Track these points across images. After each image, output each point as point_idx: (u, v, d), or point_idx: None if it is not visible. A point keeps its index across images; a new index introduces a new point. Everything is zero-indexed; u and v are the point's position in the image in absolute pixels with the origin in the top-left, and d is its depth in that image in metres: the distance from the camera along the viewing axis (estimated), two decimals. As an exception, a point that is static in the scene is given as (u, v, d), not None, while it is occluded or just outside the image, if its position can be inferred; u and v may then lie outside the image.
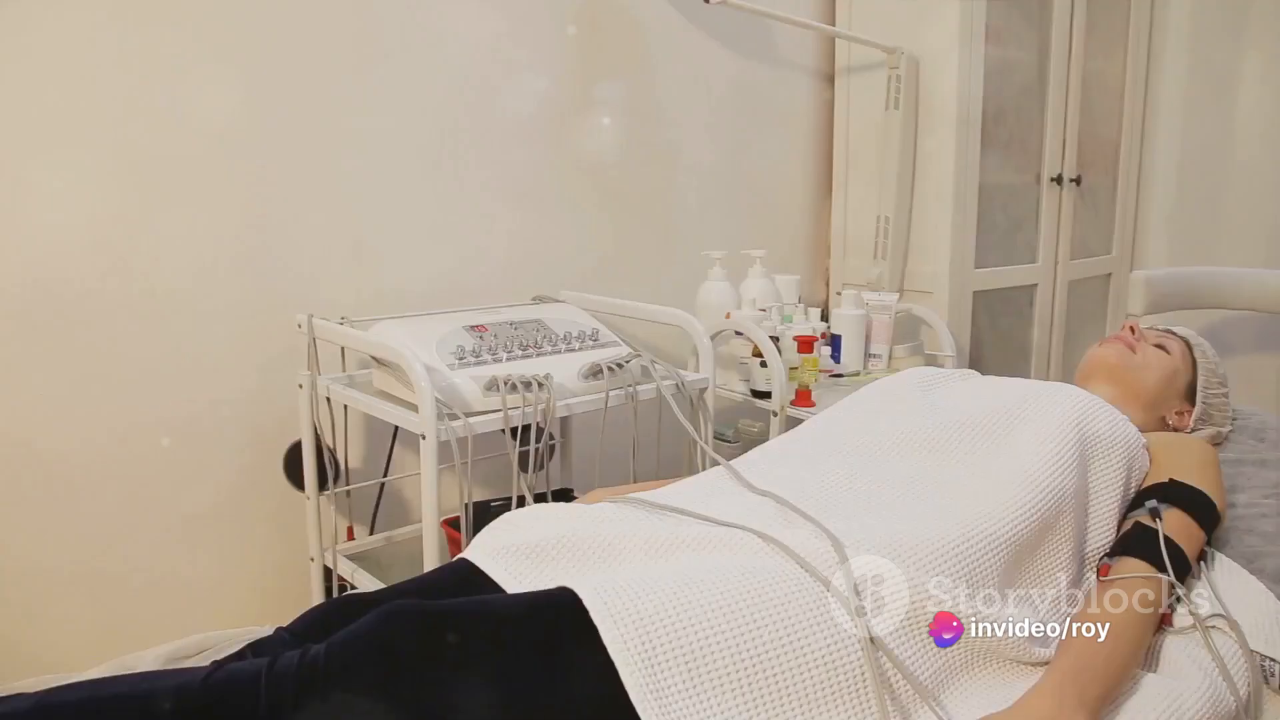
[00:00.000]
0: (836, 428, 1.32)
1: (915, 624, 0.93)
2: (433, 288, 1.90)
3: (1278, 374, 2.59)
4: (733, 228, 2.37)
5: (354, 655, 0.83)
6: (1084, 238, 2.72)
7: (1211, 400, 1.49)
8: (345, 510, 1.83)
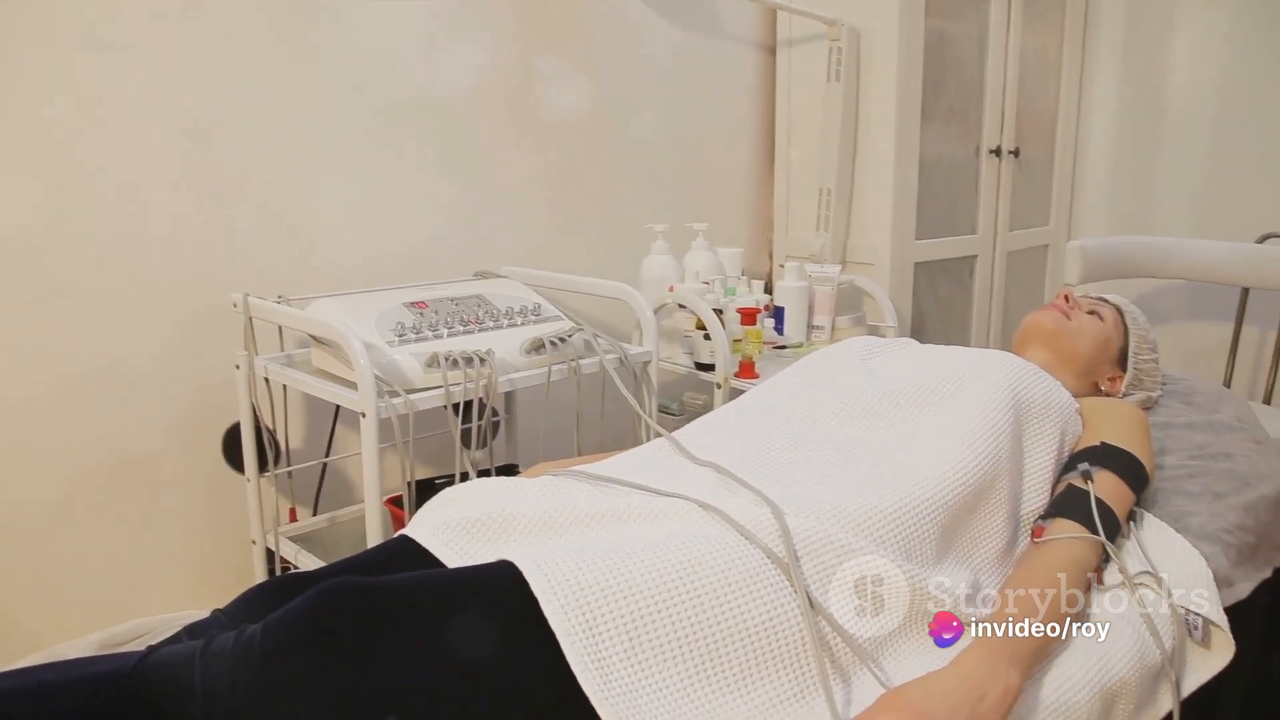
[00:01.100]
0: (777, 397, 1.32)
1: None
2: (372, 265, 1.88)
3: (1207, 340, 2.65)
4: (675, 201, 2.36)
5: (291, 634, 0.82)
6: (1022, 209, 2.76)
7: (1142, 366, 1.52)
8: (287, 491, 1.80)
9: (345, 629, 0.81)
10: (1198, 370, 2.15)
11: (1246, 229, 2.55)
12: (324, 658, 0.80)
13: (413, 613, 0.84)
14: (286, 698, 0.80)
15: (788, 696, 0.87)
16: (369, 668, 0.81)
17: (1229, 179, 2.64)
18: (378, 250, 1.89)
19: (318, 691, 0.80)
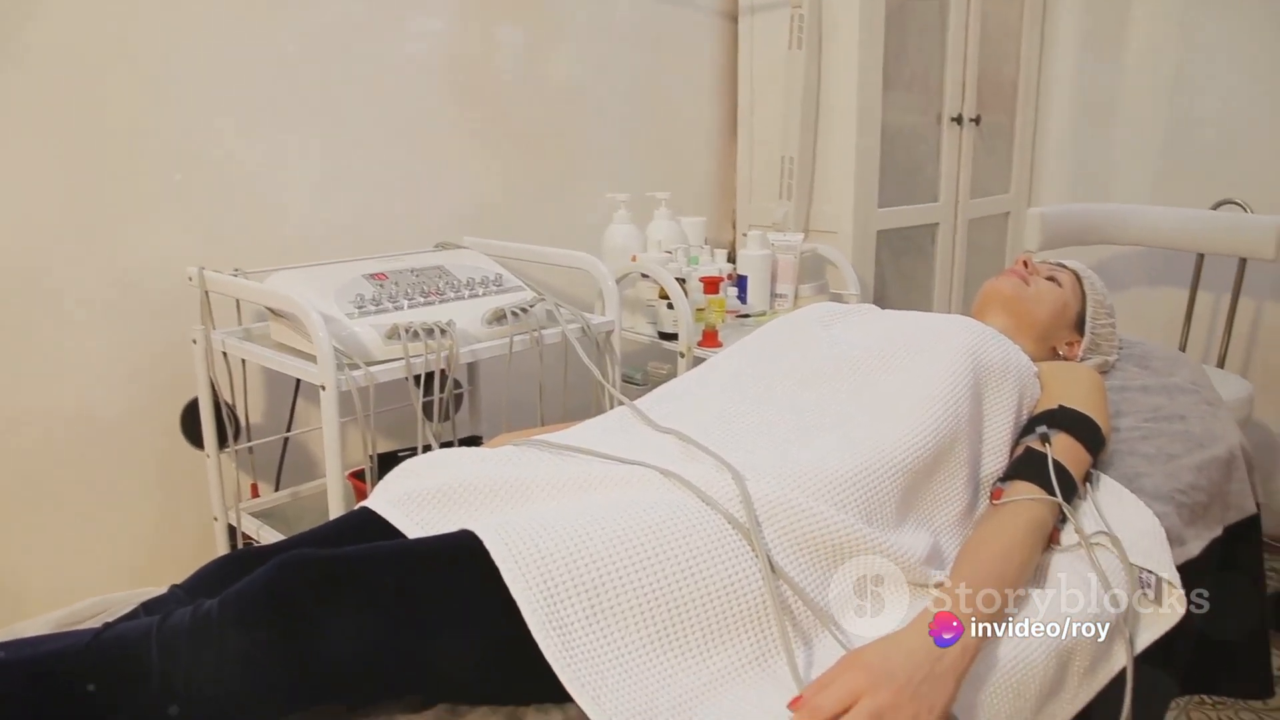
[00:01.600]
0: (738, 364, 1.32)
1: (814, 551, 0.95)
2: (331, 238, 1.85)
3: (1163, 306, 2.69)
4: (637, 170, 2.35)
5: (249, 608, 0.81)
6: (983, 177, 2.77)
7: (1099, 330, 1.54)
8: (248, 467, 1.78)
9: (304, 601, 0.81)
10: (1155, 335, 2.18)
11: (1202, 196, 2.58)
12: (283, 630, 0.80)
13: (372, 584, 0.83)
14: (245, 672, 0.79)
15: (749, 660, 0.88)
16: (329, 640, 0.80)
17: (1186, 146, 2.67)
18: (336, 222, 1.87)
19: (277, 665, 0.80)
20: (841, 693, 0.78)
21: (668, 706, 0.80)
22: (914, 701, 0.80)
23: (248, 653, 0.79)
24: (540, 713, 0.89)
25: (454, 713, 0.89)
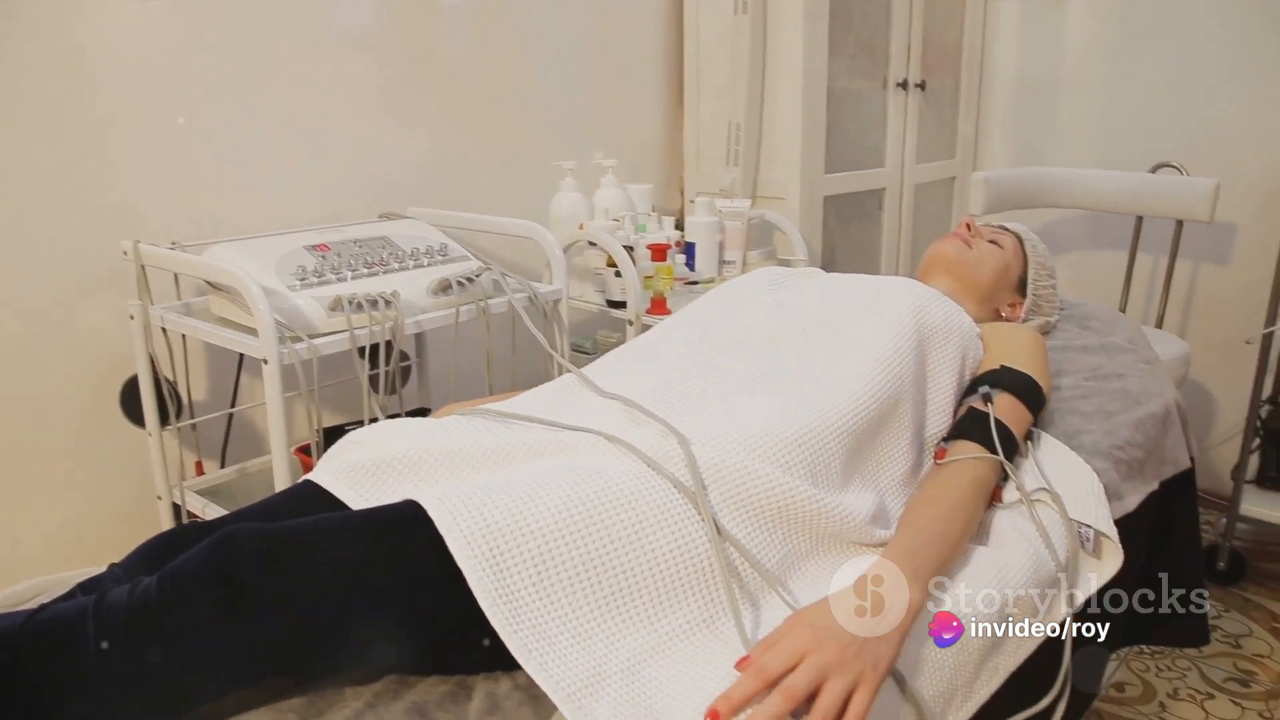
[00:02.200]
0: (684, 330, 1.32)
1: (760, 513, 0.96)
2: (271, 209, 1.82)
3: (1104, 268, 2.74)
4: (584, 138, 2.33)
5: (188, 584, 0.80)
6: (929, 142, 2.79)
7: (1041, 292, 1.56)
8: (192, 444, 1.75)
9: (246, 575, 0.80)
10: (1096, 297, 2.22)
11: (1141, 159, 2.62)
12: (225, 606, 0.79)
13: (316, 556, 0.82)
14: (186, 649, 0.78)
15: (698, 623, 0.89)
16: (272, 614, 0.79)
17: (1125, 110, 2.71)
18: (277, 193, 1.83)
19: (219, 640, 0.79)
20: (788, 651, 0.79)
21: (616, 670, 0.81)
22: (859, 658, 0.81)
23: (189, 629, 0.78)
24: (489, 681, 0.89)
25: (402, 684, 0.89)
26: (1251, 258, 2.52)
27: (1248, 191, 2.46)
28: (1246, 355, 2.23)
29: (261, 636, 0.80)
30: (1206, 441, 2.70)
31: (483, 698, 0.87)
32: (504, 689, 0.87)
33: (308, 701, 0.86)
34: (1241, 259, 2.58)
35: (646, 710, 0.77)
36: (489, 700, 0.86)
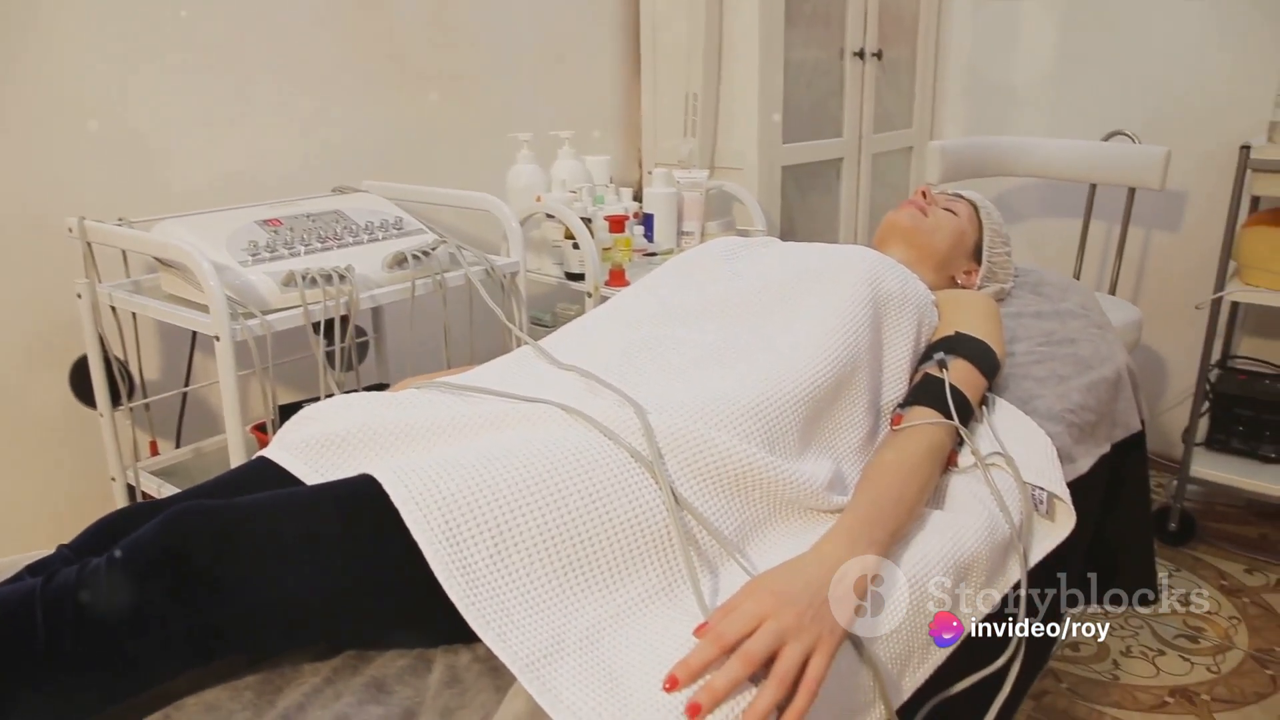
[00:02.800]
0: (641, 300, 1.32)
1: (717, 481, 0.96)
2: (221, 184, 1.78)
3: (1059, 236, 2.77)
4: (540, 109, 2.31)
5: (139, 563, 0.78)
6: (886, 112, 2.79)
7: (996, 259, 1.58)
8: (146, 424, 1.73)
9: (197, 553, 0.79)
10: (1051, 264, 2.25)
11: (1095, 127, 2.65)
12: (175, 584, 0.78)
13: (269, 532, 0.81)
14: (138, 629, 0.77)
15: (656, 590, 0.89)
16: (225, 591, 0.79)
17: (1079, 79, 2.73)
18: (226, 168, 1.80)
19: (172, 620, 0.78)
20: (746, 617, 0.80)
21: (575, 639, 0.81)
22: (816, 622, 0.81)
23: (140, 609, 0.77)
24: (449, 654, 0.89)
25: (361, 658, 0.89)
26: (1201, 225, 2.56)
27: (1198, 160, 2.50)
28: (1196, 320, 2.27)
29: (214, 615, 0.79)
30: (1158, 405, 2.75)
31: (442, 670, 0.87)
32: (464, 661, 0.87)
33: (264, 678, 0.85)
34: (1191, 226, 2.62)
35: (606, 679, 0.78)
36: (449, 673, 0.86)
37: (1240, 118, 2.39)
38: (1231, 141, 2.10)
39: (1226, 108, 2.47)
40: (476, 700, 0.83)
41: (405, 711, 0.82)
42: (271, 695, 0.84)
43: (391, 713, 0.82)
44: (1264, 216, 2.23)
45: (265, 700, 0.83)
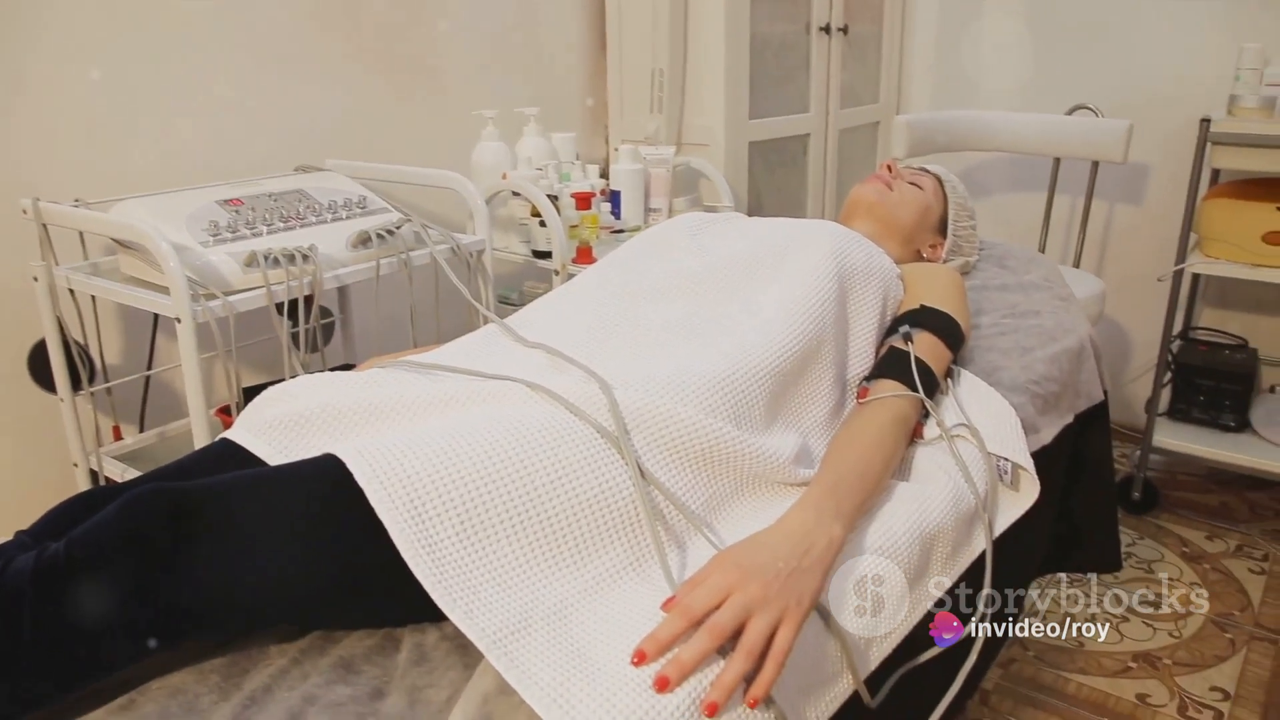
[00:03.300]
0: (607, 277, 1.32)
1: (684, 456, 0.96)
2: (180, 163, 1.75)
3: (1024, 209, 2.78)
4: (505, 86, 2.29)
5: (98, 547, 0.77)
6: (853, 87, 2.79)
7: (961, 232, 1.59)
8: (108, 409, 1.70)
9: (157, 536, 0.78)
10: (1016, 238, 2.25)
11: (1059, 102, 2.67)
12: (136, 568, 0.77)
13: (231, 513, 0.81)
14: (99, 614, 0.76)
15: (624, 566, 0.89)
16: (187, 574, 0.78)
17: (1044, 53, 2.74)
18: (186, 147, 1.77)
19: (133, 604, 0.77)
20: (713, 590, 0.80)
21: (543, 616, 0.81)
22: (783, 594, 0.82)
23: (100, 594, 0.76)
24: (417, 633, 0.89)
25: (329, 639, 0.88)
26: (1163, 198, 2.59)
27: (1160, 133, 2.52)
28: (1159, 292, 2.30)
29: (176, 597, 0.78)
30: (1122, 376, 2.79)
31: (410, 649, 0.86)
32: (432, 639, 0.87)
33: (230, 661, 0.85)
34: (1154, 199, 2.65)
35: (573, 654, 0.78)
36: (417, 651, 0.86)
37: (1201, 92, 2.41)
38: (1192, 115, 2.11)
39: (1188, 82, 2.49)
40: (445, 678, 0.83)
41: (373, 691, 0.82)
42: (238, 678, 0.83)
43: (359, 692, 0.82)
44: (1224, 189, 2.25)
45: (231, 683, 0.83)
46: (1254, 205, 2.14)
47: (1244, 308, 2.57)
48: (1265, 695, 1.76)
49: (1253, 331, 2.52)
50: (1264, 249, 2.11)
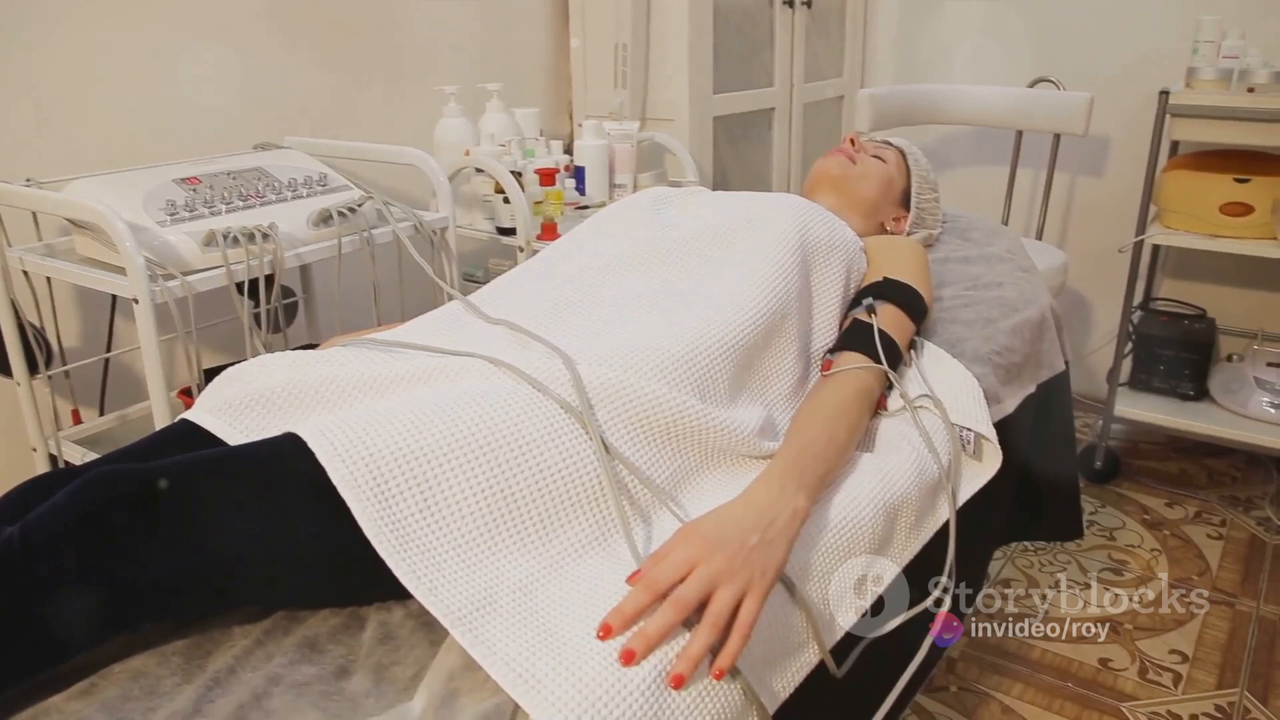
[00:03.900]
0: (570, 253, 1.31)
1: (648, 430, 0.96)
2: (136, 142, 1.72)
3: (987, 182, 2.80)
4: (467, 61, 2.26)
5: (54, 530, 0.76)
6: (817, 61, 2.79)
7: (924, 205, 1.59)
8: (67, 392, 1.68)
9: (114, 517, 0.77)
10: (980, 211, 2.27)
11: (1021, 74, 2.68)
12: (94, 550, 0.76)
13: (189, 494, 0.80)
14: (56, 599, 0.75)
15: (590, 541, 0.89)
16: (146, 556, 0.77)
17: (1006, 26, 2.74)
18: (141, 125, 1.73)
19: (91, 588, 0.76)
20: (677, 563, 0.80)
21: (508, 591, 0.81)
22: (747, 566, 0.82)
23: (57, 578, 0.75)
24: (382, 611, 0.88)
25: (293, 619, 0.88)
26: (1124, 169, 2.62)
27: (1120, 105, 2.54)
28: (1120, 264, 2.32)
29: (136, 580, 0.77)
30: (1084, 347, 2.82)
31: (376, 627, 0.86)
32: (397, 618, 0.87)
33: (193, 643, 0.84)
34: (1115, 171, 2.67)
35: (539, 629, 0.78)
36: (382, 629, 0.86)
37: (1161, 65, 2.43)
38: (1152, 88, 2.13)
39: (1148, 55, 2.51)
40: (410, 655, 0.83)
41: (339, 670, 0.82)
42: (201, 659, 0.83)
43: (324, 672, 0.81)
44: (1182, 161, 2.28)
45: (194, 665, 0.82)
46: (1212, 177, 2.17)
47: (1203, 278, 2.61)
48: (1221, 657, 1.80)
49: (1211, 301, 2.55)
50: (1222, 220, 2.14)
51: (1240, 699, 1.69)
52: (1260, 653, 1.81)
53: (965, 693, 1.72)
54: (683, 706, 0.75)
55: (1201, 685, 1.73)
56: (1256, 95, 2.03)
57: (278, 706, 0.77)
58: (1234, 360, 2.46)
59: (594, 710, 0.71)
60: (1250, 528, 2.24)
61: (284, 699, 0.78)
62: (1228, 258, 2.26)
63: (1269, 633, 1.87)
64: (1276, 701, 1.68)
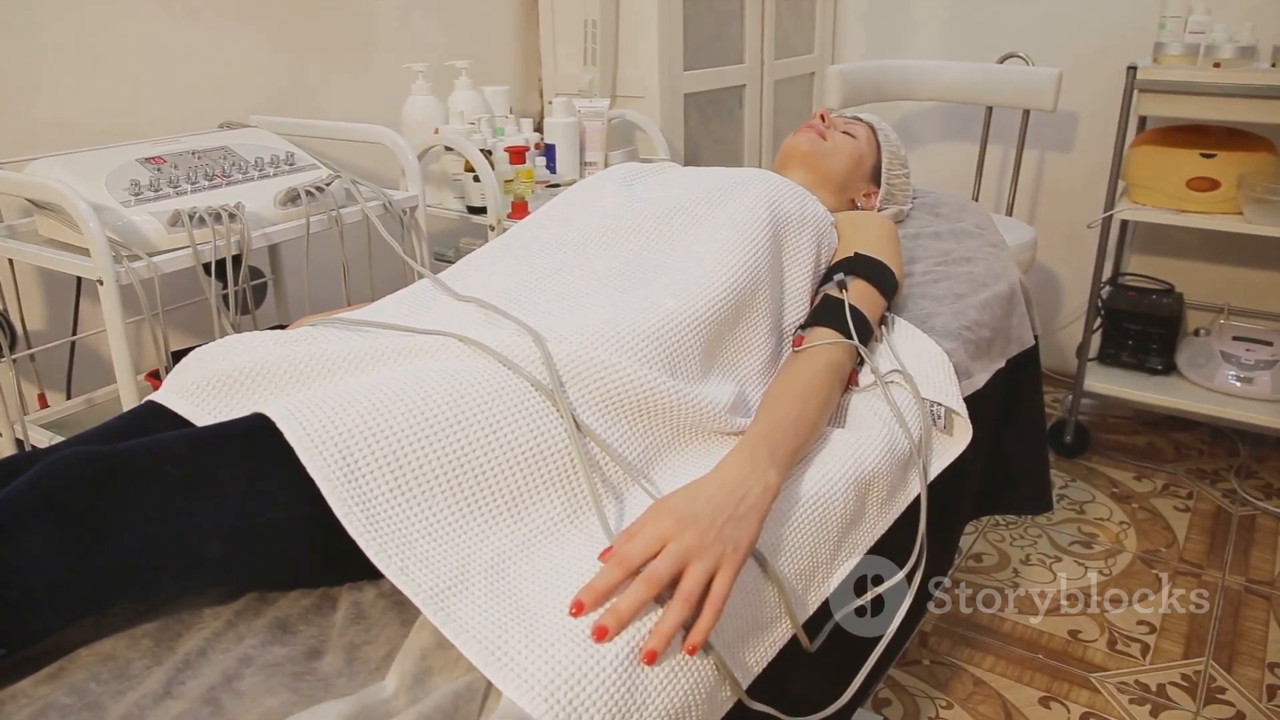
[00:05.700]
0: (540, 229, 1.31)
1: (619, 407, 0.96)
2: (98, 121, 1.69)
3: (957, 158, 2.81)
4: (435, 38, 2.24)
5: (16, 514, 0.75)
6: (787, 37, 2.78)
7: (894, 181, 1.59)
8: (32, 376, 1.65)
9: (79, 500, 0.76)
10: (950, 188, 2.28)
11: (990, 50, 2.69)
12: (58, 534, 0.75)
13: (155, 476, 0.79)
14: (21, 583, 0.74)
15: (561, 519, 0.89)
16: (112, 539, 0.76)
17: (975, 2, 2.75)
18: (103, 103, 1.70)
19: (57, 571, 0.75)
20: (649, 539, 0.80)
21: (480, 570, 0.81)
22: (719, 542, 0.82)
23: (21, 563, 0.74)
24: (354, 591, 0.88)
25: (264, 600, 0.87)
26: (1092, 145, 2.63)
27: (1089, 81, 2.56)
28: (1089, 239, 2.34)
29: (101, 563, 0.76)
30: (1054, 323, 2.85)
31: (348, 608, 0.86)
32: (369, 597, 0.87)
33: (163, 625, 0.83)
34: (1083, 147, 2.69)
35: (512, 607, 0.78)
36: (354, 610, 0.86)
37: (1128, 40, 2.44)
38: (1120, 63, 2.14)
39: (1116, 30, 2.52)
40: (382, 635, 0.83)
41: (310, 650, 0.82)
42: (171, 642, 0.82)
43: (296, 652, 0.81)
44: (1150, 136, 2.29)
45: (165, 647, 0.81)
46: (1179, 152, 2.19)
47: (1170, 253, 2.64)
48: (1188, 627, 1.83)
49: (1178, 276, 2.58)
50: (1189, 194, 2.16)
51: (1206, 668, 1.72)
52: (1225, 622, 1.84)
53: (938, 666, 1.74)
54: (656, 682, 0.76)
55: (1169, 655, 1.76)
56: (1223, 70, 2.05)
57: (249, 688, 0.77)
58: (1201, 335, 2.49)
59: (567, 687, 0.71)
60: (1216, 500, 2.27)
61: (255, 680, 0.78)
62: (1195, 233, 2.28)
63: (1234, 603, 1.90)
64: (1241, 670, 1.72)
